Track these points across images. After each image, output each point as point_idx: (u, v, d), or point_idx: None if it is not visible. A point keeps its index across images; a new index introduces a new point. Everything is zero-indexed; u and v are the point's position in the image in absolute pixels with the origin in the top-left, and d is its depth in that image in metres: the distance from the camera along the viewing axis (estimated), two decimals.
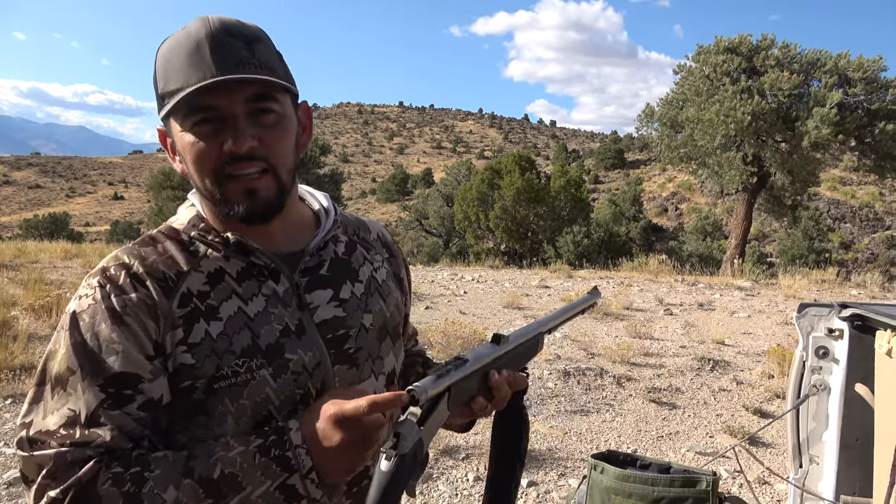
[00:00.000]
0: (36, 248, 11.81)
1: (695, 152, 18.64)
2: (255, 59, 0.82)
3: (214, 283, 0.87)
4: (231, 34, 0.82)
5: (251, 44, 0.83)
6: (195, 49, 0.80)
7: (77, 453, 0.76)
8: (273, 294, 0.89)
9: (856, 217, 35.59)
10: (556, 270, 13.13)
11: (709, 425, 4.75)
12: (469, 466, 3.83)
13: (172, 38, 0.83)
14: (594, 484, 1.82)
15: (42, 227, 32.45)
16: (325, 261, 0.96)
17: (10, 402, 4.38)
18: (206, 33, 0.81)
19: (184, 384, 0.83)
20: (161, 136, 0.91)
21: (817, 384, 2.17)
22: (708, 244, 29.10)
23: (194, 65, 0.80)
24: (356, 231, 1.06)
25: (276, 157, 0.86)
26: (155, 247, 0.88)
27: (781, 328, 7.88)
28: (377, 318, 0.99)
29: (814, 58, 17.34)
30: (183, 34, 0.82)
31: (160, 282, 0.84)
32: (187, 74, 0.80)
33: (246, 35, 0.83)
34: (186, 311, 0.84)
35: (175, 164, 0.90)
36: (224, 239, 0.89)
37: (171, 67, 0.81)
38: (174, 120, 0.84)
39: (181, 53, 0.81)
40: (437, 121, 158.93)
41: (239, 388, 0.84)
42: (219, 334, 0.84)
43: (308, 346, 0.89)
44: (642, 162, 55.60)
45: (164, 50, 0.83)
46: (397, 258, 1.11)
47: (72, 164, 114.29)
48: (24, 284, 7.30)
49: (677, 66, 19.19)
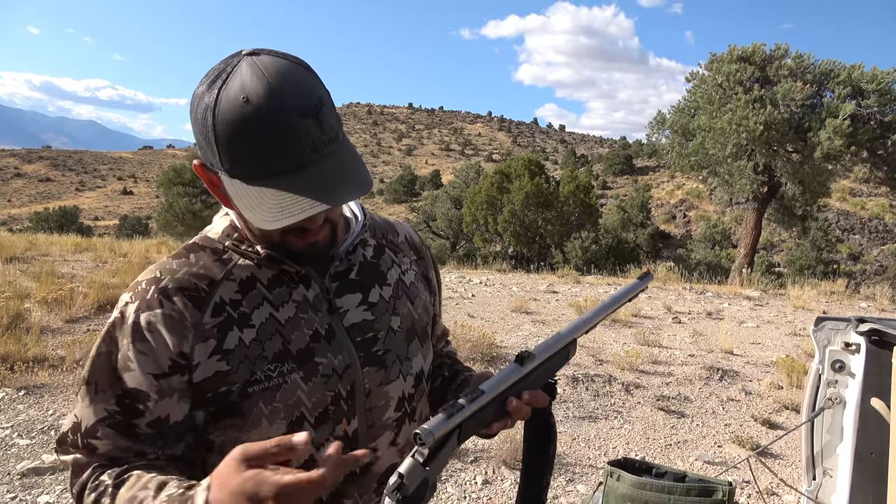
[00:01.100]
0: (46, 240, 11.89)
1: (706, 160, 18.60)
2: (325, 135, 0.79)
3: (246, 290, 0.90)
4: (301, 111, 0.76)
5: (318, 115, 0.78)
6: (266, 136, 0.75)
7: (84, 460, 0.86)
8: (303, 300, 0.92)
9: (865, 228, 35.40)
10: (563, 276, 13.12)
11: (717, 435, 4.75)
12: (478, 469, 3.84)
13: (232, 106, 0.75)
14: (610, 490, 1.83)
15: (52, 220, 32.69)
16: (354, 265, 0.99)
17: (24, 393, 4.42)
18: (275, 111, 0.75)
19: (220, 389, 0.86)
20: (200, 171, 0.86)
21: (833, 397, 2.17)
22: (716, 252, 29.03)
23: (275, 156, 0.76)
24: (384, 234, 1.08)
25: (337, 215, 0.91)
26: (188, 258, 0.91)
27: (790, 339, 7.86)
28: (405, 320, 1.01)
29: (827, 68, 17.28)
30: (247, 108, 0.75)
31: (191, 294, 0.87)
32: (262, 168, 0.77)
33: (312, 106, 0.77)
34: (219, 320, 0.87)
35: (216, 194, 0.88)
36: (257, 252, 0.91)
37: (239, 149, 0.77)
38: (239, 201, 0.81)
39: (250, 136, 0.76)
40: (446, 123, 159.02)
41: (272, 392, 0.87)
42: (251, 341, 0.87)
43: (338, 350, 0.92)
44: (651, 168, 55.49)
45: (225, 122, 0.76)
46: (426, 259, 1.13)
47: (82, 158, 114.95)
48: (35, 277, 7.35)
49: (690, 73, 19.15)
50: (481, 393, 0.81)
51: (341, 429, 0.92)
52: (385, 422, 0.97)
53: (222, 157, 0.78)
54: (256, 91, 0.75)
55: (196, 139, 0.83)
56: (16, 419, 4.07)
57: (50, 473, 3.45)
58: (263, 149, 0.76)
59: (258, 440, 0.84)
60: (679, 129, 19.23)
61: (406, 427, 1.00)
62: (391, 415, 0.98)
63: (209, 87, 0.78)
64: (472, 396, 0.79)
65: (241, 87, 0.75)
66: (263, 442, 0.71)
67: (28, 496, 3.21)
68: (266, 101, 0.74)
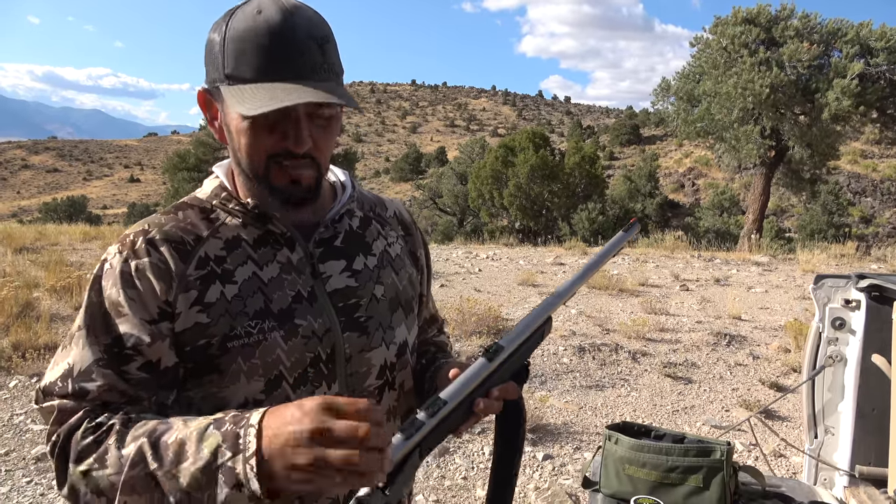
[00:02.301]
0: (56, 230, 11.99)
1: (712, 126, 18.38)
2: (325, 63, 0.85)
3: (231, 248, 0.91)
4: (306, 33, 0.83)
5: (323, 45, 0.85)
6: (273, 42, 0.82)
7: (71, 405, 0.83)
8: (287, 262, 0.93)
9: (877, 191, 34.99)
10: (571, 248, 13.09)
11: (724, 399, 4.76)
12: (485, 440, 3.87)
13: (245, 16, 0.83)
14: (608, 454, 1.83)
15: (61, 211, 32.88)
16: (339, 233, 1.00)
17: (36, 380, 4.49)
18: (284, 27, 0.82)
19: (199, 342, 0.87)
20: (202, 99, 0.92)
21: (833, 355, 2.16)
22: (725, 220, 28.82)
23: (271, 60, 0.82)
24: (372, 207, 1.09)
25: (322, 155, 0.91)
26: (176, 214, 0.93)
27: (799, 303, 7.83)
28: (389, 290, 1.02)
29: (834, 28, 16.95)
30: (259, 18, 0.82)
31: (177, 246, 0.89)
32: (263, 69, 0.82)
33: (318, 34, 0.85)
34: (203, 273, 0.89)
35: (213, 128, 0.94)
36: (244, 206, 0.93)
37: (245, 52, 0.83)
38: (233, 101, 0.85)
39: (258, 42, 0.82)
40: (450, 99, 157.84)
41: (251, 349, 0.88)
42: (233, 296, 0.89)
43: (318, 313, 0.93)
44: (658, 137, 54.92)
45: (236, 28, 0.83)
46: (414, 236, 1.13)
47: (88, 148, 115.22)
48: (45, 266, 7.42)
49: (694, 38, 18.85)
50: (442, 404, 0.76)
51: (321, 392, 0.93)
52: (367, 388, 0.97)
53: (226, 61, 0.84)
54: (270, 8, 0.83)
55: (204, 65, 0.89)
56: (29, 405, 4.13)
57: None
58: (266, 53, 0.82)
59: (235, 397, 0.87)
60: (684, 96, 18.99)
61: (387, 395, 1.00)
62: (373, 382, 0.98)
63: (226, 13, 0.86)
64: (433, 410, 0.75)
65: (257, 5, 0.84)
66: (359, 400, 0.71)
67: (43, 479, 3.28)
68: (278, 17, 0.82)
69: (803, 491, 1.97)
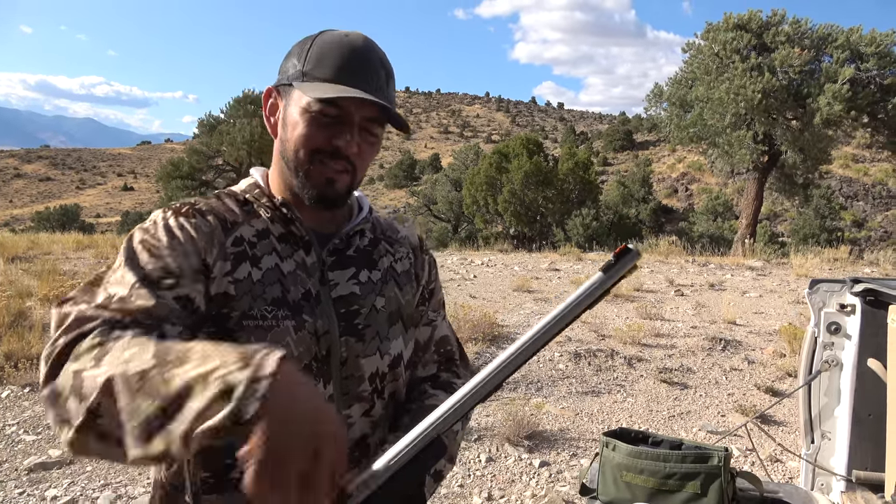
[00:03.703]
0: (48, 239, 11.92)
1: (704, 132, 18.47)
2: (387, 90, 0.97)
3: (261, 237, 0.98)
4: (380, 63, 0.97)
5: (389, 78, 0.98)
6: (354, 58, 0.94)
7: (92, 311, 0.79)
8: (302, 262, 1.00)
9: (868, 195, 35.21)
10: (565, 253, 13.11)
11: (720, 404, 4.76)
12: (482, 447, 3.86)
13: (336, 35, 0.96)
14: (606, 461, 1.83)
15: (54, 219, 32.74)
16: (352, 247, 1.07)
17: (28, 390, 4.45)
18: (365, 51, 0.95)
19: (222, 310, 0.92)
20: (267, 95, 1.02)
21: (829, 360, 2.16)
22: (719, 224, 28.94)
23: (348, 70, 0.93)
24: (384, 231, 1.16)
25: (360, 166, 0.99)
26: (218, 199, 1.01)
27: (793, 307, 7.85)
28: (390, 302, 1.07)
29: (825, 33, 17.08)
30: (347, 39, 0.95)
31: (220, 219, 0.96)
32: (338, 73, 0.93)
33: (388, 69, 0.98)
34: (237, 250, 0.95)
35: (268, 122, 1.03)
36: (273, 203, 1.00)
37: (327, 58, 0.94)
38: (306, 97, 0.93)
39: (341, 53, 0.94)
40: (443, 105, 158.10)
41: (264, 332, 0.92)
42: (258, 280, 0.95)
43: (321, 314, 0.98)
44: (651, 143, 55.14)
45: (325, 40, 0.96)
46: (419, 259, 1.17)
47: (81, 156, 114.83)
48: (38, 275, 7.37)
49: (686, 44, 18.97)
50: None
51: (319, 388, 0.96)
52: (359, 393, 1.00)
53: (307, 60, 0.94)
54: (356, 35, 0.97)
55: (280, 70, 1.00)
56: (21, 416, 4.10)
57: (57, 468, 3.48)
58: (345, 63, 0.93)
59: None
60: (677, 102, 19.09)
61: (378, 403, 1.03)
62: (365, 387, 1.01)
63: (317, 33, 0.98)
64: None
65: (344, 32, 0.97)
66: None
67: (36, 491, 3.24)
68: (361, 42, 0.96)
69: (800, 496, 1.96)
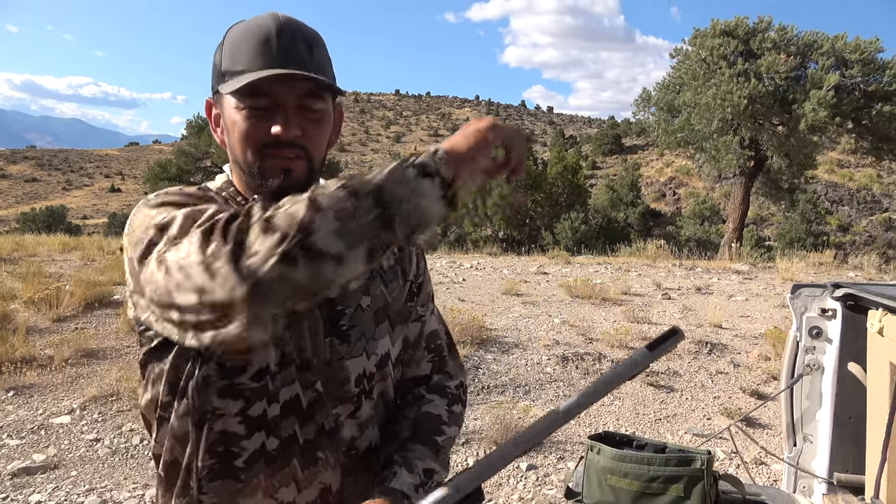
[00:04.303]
0: (34, 241, 11.80)
1: (692, 136, 18.62)
2: (313, 60, 0.92)
3: None
4: (296, 35, 0.92)
5: (311, 46, 0.93)
6: (264, 40, 0.90)
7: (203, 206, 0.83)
8: None
9: (853, 199, 35.61)
10: (554, 257, 13.15)
11: (706, 408, 4.80)
12: (469, 451, 3.87)
13: (244, 24, 0.93)
14: (591, 464, 1.84)
15: (39, 221, 32.40)
16: None
17: (13, 393, 4.41)
18: (275, 28, 0.90)
19: None
20: (208, 108, 1.01)
21: (811, 364, 2.19)
22: (706, 228, 29.14)
23: (262, 53, 0.90)
24: None
25: (312, 147, 0.94)
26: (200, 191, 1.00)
27: (779, 311, 7.92)
28: (376, 300, 1.03)
29: (810, 40, 17.28)
30: (254, 23, 0.92)
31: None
32: (254, 60, 0.90)
33: (308, 38, 0.93)
34: None
35: (216, 134, 1.01)
36: (246, 200, 0.98)
37: (239, 50, 0.91)
38: (231, 96, 0.91)
39: (251, 40, 0.90)
40: (433, 108, 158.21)
41: None
42: None
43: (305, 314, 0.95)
44: (640, 147, 55.48)
45: (234, 33, 0.93)
46: (405, 252, 1.13)
47: (68, 157, 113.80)
48: (22, 278, 7.30)
49: (674, 49, 19.13)
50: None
51: (297, 390, 0.95)
52: (344, 393, 0.98)
53: (223, 60, 0.92)
54: (265, 18, 0.92)
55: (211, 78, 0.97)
56: (5, 420, 4.06)
57: (41, 473, 3.45)
58: (257, 48, 0.89)
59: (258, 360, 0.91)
60: (664, 106, 19.23)
61: (365, 403, 1.01)
62: (351, 388, 0.99)
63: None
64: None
65: (254, 17, 0.93)
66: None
67: (19, 496, 3.21)
68: (269, 20, 0.91)
69: (783, 499, 1.99)
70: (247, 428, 0.91)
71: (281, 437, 0.92)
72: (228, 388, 0.90)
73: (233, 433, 0.90)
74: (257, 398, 0.91)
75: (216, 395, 0.90)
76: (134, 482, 3.43)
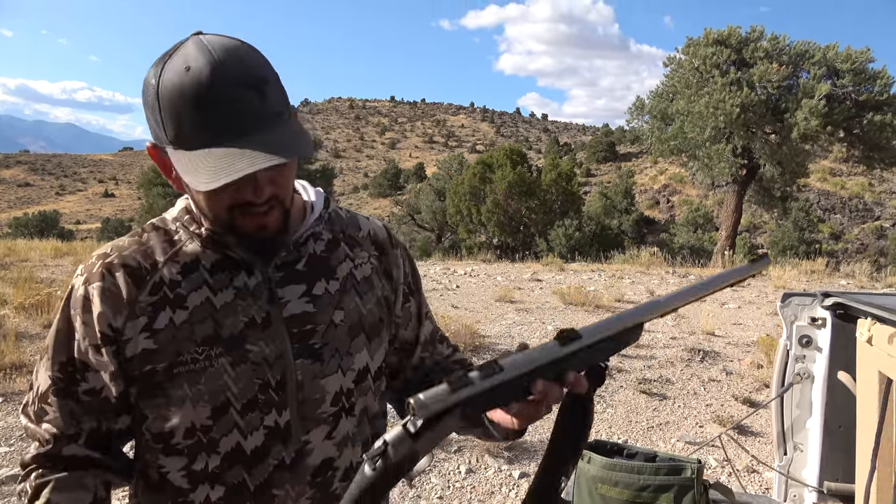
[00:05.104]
0: (26, 246, 11.74)
1: (685, 145, 18.71)
2: (266, 107, 0.80)
3: (187, 273, 0.92)
4: (242, 82, 0.78)
5: (261, 88, 0.80)
6: (206, 102, 0.77)
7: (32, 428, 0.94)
8: (244, 286, 0.92)
9: (845, 208, 35.82)
10: (548, 264, 13.17)
11: (699, 415, 4.80)
12: (461, 459, 3.86)
13: (174, 74, 0.78)
14: (581, 473, 1.84)
15: (32, 226, 32.22)
16: (303, 256, 0.97)
17: (2, 400, 4.37)
18: (215, 83, 0.77)
19: (146, 368, 0.89)
20: (153, 153, 0.89)
21: (801, 372, 2.20)
22: (699, 236, 29.24)
23: (211, 122, 0.78)
24: (343, 229, 1.05)
25: (285, 192, 0.89)
26: (140, 237, 0.95)
27: (771, 318, 7.95)
28: (350, 314, 0.99)
29: (802, 49, 17.41)
30: (188, 79, 0.77)
31: (133, 272, 0.91)
32: (202, 132, 0.78)
33: (255, 79, 0.79)
34: (154, 299, 0.90)
35: (171, 179, 0.90)
36: (202, 230, 0.93)
37: (180, 116, 0.79)
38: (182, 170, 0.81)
39: (189, 103, 0.77)
40: (428, 115, 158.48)
41: (196, 375, 0.89)
42: (182, 322, 0.89)
43: (271, 339, 0.92)
44: (634, 155, 55.70)
45: (167, 89, 0.78)
46: (389, 255, 1.09)
47: (61, 162, 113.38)
48: (13, 283, 7.25)
49: (667, 58, 19.24)
50: (498, 369, 0.69)
51: (272, 419, 0.92)
52: (319, 415, 0.95)
53: (166, 126, 0.80)
54: (198, 61, 0.77)
55: (147, 120, 0.84)
56: None
57: None
58: (202, 114, 0.77)
59: (183, 422, 0.89)
60: (658, 114, 19.33)
61: (343, 422, 0.98)
62: (327, 409, 0.96)
63: (156, 64, 0.81)
64: (487, 372, 0.68)
65: (184, 58, 0.78)
66: None
67: (8, 503, 3.19)
68: (207, 69, 0.77)
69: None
70: (190, 482, 0.93)
71: (227, 485, 0.92)
72: (167, 448, 0.93)
73: (179, 488, 0.93)
74: (197, 453, 0.92)
75: (161, 453, 0.94)
76: (123, 489, 3.41)
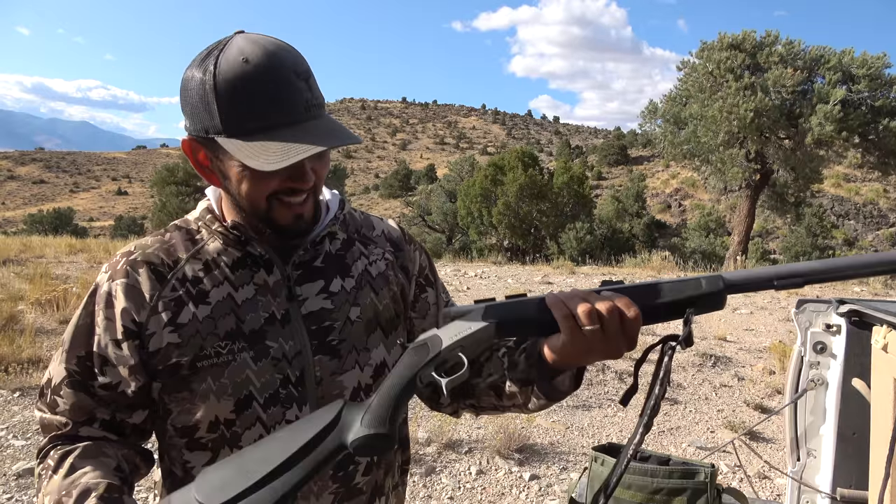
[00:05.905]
0: (41, 242, 11.88)
1: (698, 149, 18.62)
2: (314, 98, 0.86)
3: (209, 269, 0.95)
4: (294, 73, 0.83)
5: (308, 80, 0.86)
6: (267, 87, 0.82)
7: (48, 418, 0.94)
8: (264, 283, 0.96)
9: (860, 214, 35.50)
10: (558, 266, 13.15)
11: (710, 421, 4.79)
12: (472, 460, 3.87)
13: (232, 65, 0.82)
14: (595, 475, 1.85)
15: (46, 222, 32.58)
16: (319, 254, 1.01)
17: (19, 394, 4.44)
18: (273, 69, 0.82)
19: (170, 361, 0.92)
20: (188, 149, 0.91)
21: (815, 379, 2.20)
22: (711, 241, 29.06)
23: (270, 109, 0.82)
24: (358, 229, 1.09)
25: (321, 183, 0.95)
26: (163, 236, 0.99)
27: (783, 325, 7.91)
28: (366, 310, 1.02)
29: (817, 54, 17.30)
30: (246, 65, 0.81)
31: (155, 268, 0.94)
32: (262, 118, 0.82)
33: (303, 71, 0.85)
34: (177, 294, 0.93)
35: (202, 172, 0.94)
36: (224, 227, 0.96)
37: (238, 102, 0.82)
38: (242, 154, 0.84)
39: (249, 89, 0.82)
40: (440, 116, 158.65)
41: (220, 368, 0.91)
42: (205, 317, 0.92)
43: (290, 336, 0.95)
44: (646, 158, 55.48)
45: (226, 80, 0.81)
46: (405, 251, 1.12)
47: (76, 160, 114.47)
48: (29, 279, 7.35)
49: (681, 62, 19.16)
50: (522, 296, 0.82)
51: (293, 413, 0.94)
52: None
53: (223, 116, 0.83)
54: (255, 52, 0.82)
55: (187, 114, 0.87)
56: (11, 420, 4.08)
57: None
58: (263, 102, 0.82)
59: (207, 415, 0.91)
60: (671, 118, 19.25)
61: None
62: None
63: (202, 62, 0.84)
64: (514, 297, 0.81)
65: (239, 51, 0.83)
66: None
67: (24, 496, 3.23)
68: (265, 60, 0.82)
69: None
70: None
71: None
72: (191, 443, 0.94)
73: None
74: (220, 447, 0.94)
75: (185, 448, 0.95)
76: (138, 483, 3.45)
